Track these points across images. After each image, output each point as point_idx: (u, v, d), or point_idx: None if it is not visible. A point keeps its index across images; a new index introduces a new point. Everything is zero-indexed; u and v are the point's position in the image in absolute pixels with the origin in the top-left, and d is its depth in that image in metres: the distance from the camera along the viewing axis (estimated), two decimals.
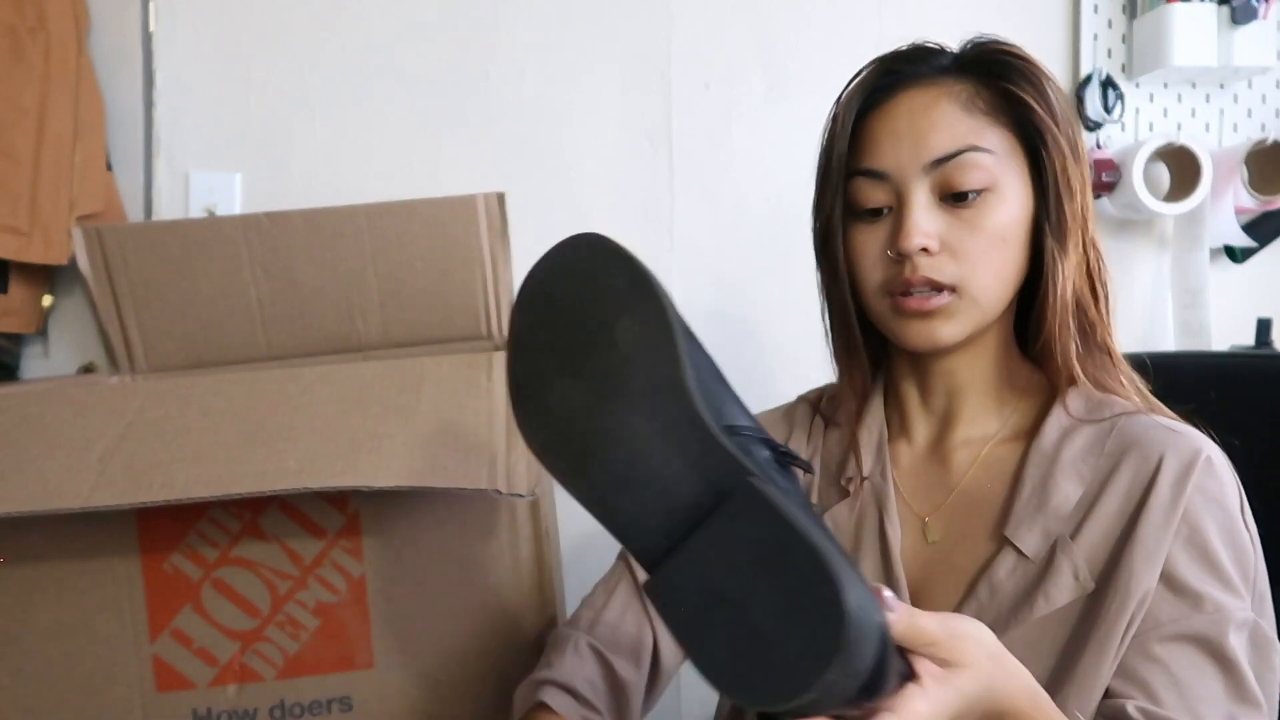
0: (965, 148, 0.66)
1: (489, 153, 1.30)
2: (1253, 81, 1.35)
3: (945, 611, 0.63)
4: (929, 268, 0.66)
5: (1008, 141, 0.68)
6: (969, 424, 0.73)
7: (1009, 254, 0.67)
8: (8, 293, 1.17)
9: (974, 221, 0.66)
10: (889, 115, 0.69)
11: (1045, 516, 0.65)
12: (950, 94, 0.68)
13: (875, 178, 0.68)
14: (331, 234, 1.04)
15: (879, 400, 0.77)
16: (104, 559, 0.81)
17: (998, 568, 0.65)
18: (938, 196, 0.67)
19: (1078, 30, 1.35)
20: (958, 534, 0.70)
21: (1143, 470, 0.64)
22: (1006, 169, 0.67)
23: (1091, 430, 0.67)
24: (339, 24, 1.29)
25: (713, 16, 1.32)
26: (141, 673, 0.81)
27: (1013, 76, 0.67)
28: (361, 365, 0.97)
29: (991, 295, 0.67)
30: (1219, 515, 0.62)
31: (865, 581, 0.44)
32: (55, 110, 1.14)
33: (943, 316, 0.67)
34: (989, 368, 0.72)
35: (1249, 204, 1.30)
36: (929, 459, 0.74)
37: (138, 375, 1.07)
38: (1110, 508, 0.64)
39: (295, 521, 0.81)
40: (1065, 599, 0.63)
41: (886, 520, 0.71)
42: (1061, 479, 0.66)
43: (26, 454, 0.79)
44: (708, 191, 1.33)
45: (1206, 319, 1.31)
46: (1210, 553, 0.61)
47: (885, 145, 0.68)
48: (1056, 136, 0.67)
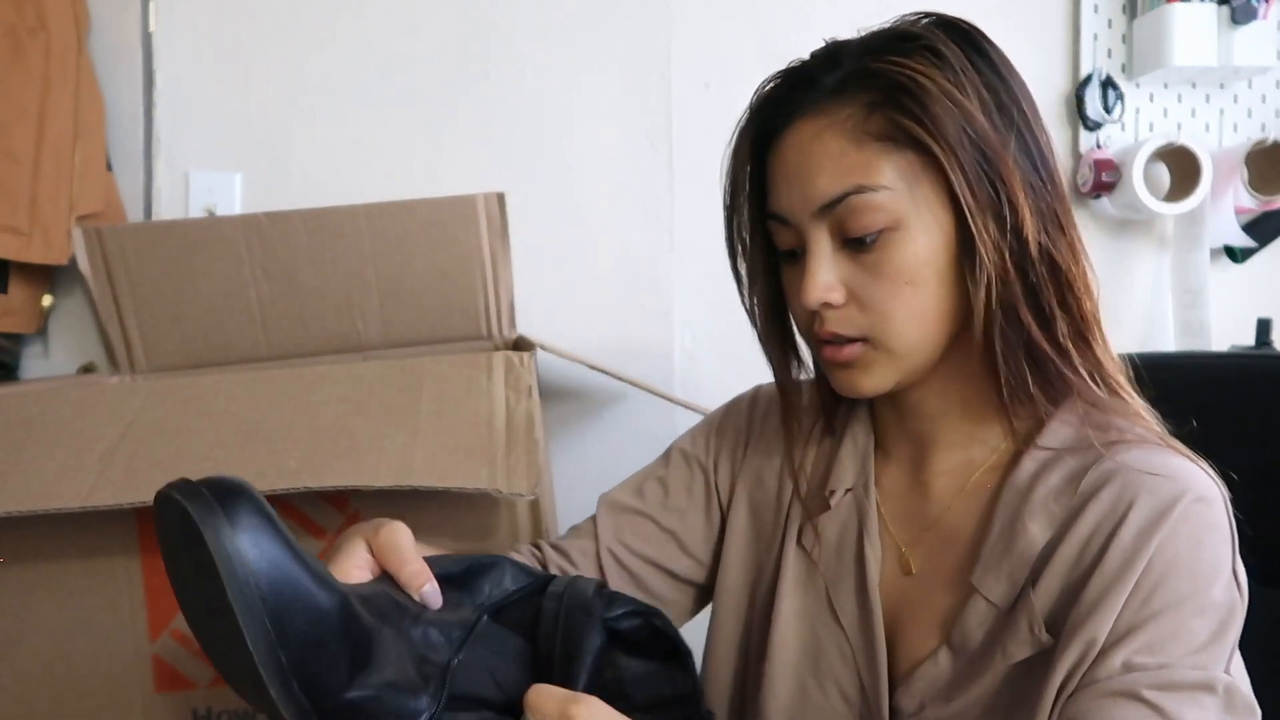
0: (850, 190, 0.58)
1: (489, 153, 1.30)
2: (1253, 81, 1.35)
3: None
4: (834, 321, 0.61)
5: (911, 167, 0.58)
6: (948, 451, 0.66)
7: (924, 293, 0.60)
8: (8, 293, 1.17)
9: (876, 268, 0.59)
10: (782, 153, 0.62)
11: (1010, 562, 0.59)
12: (836, 125, 0.59)
13: (782, 222, 0.63)
14: (331, 234, 1.04)
15: (865, 410, 0.72)
16: (104, 559, 0.81)
17: (969, 615, 0.60)
18: (839, 241, 0.60)
19: (1078, 30, 1.35)
20: (934, 569, 0.64)
21: (1111, 514, 0.56)
22: (912, 200, 0.59)
23: (1073, 463, 0.60)
24: (339, 24, 1.29)
25: (713, 16, 1.32)
26: (141, 673, 0.81)
27: (893, 95, 0.58)
28: (361, 365, 0.97)
29: (909, 341, 0.61)
30: (1193, 568, 0.54)
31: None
32: (55, 110, 1.14)
33: (860, 367, 0.62)
34: (961, 396, 0.65)
35: (1249, 204, 1.30)
36: (910, 485, 0.68)
37: (138, 375, 1.07)
38: (1070, 553, 0.57)
39: (295, 521, 0.81)
40: (1022, 654, 0.57)
41: (867, 542, 0.66)
42: (1029, 520, 0.59)
43: (26, 454, 0.79)
44: (708, 191, 1.32)
45: (1206, 319, 1.31)
46: (1174, 611, 0.54)
47: (781, 187, 0.62)
48: (956, 153, 0.57)
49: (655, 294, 1.32)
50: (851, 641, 0.66)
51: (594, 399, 1.31)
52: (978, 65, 0.59)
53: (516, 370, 0.91)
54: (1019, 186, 0.58)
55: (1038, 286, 0.59)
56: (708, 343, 1.32)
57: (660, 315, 1.32)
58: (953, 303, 0.61)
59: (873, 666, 0.64)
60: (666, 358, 1.32)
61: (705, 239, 1.32)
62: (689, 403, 1.13)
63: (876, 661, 0.64)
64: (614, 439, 1.30)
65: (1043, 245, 0.59)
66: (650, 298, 1.32)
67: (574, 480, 1.18)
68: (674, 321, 1.32)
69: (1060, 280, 0.59)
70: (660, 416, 1.30)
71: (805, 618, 0.69)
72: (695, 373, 1.32)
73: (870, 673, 0.64)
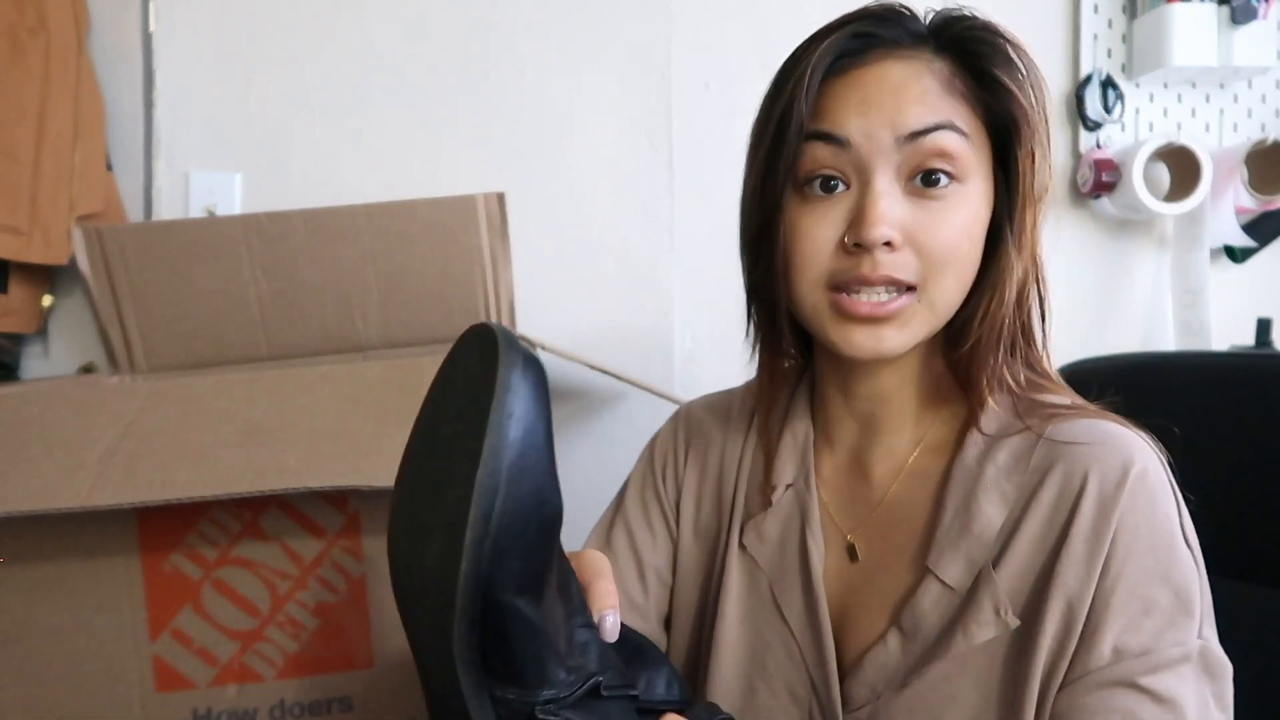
0: (944, 123, 0.58)
1: (489, 153, 1.30)
2: (1253, 81, 1.35)
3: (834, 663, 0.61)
4: (891, 264, 0.57)
5: (979, 134, 0.60)
6: (892, 433, 0.66)
7: (972, 254, 0.60)
8: (8, 293, 1.17)
9: (941, 214, 0.58)
10: (859, 82, 0.59)
11: (968, 543, 0.59)
12: (931, 70, 0.59)
13: (836, 144, 0.58)
14: (331, 234, 1.04)
15: (804, 403, 0.71)
16: (104, 559, 0.81)
17: (922, 597, 0.60)
18: (904, 180, 0.58)
19: (1078, 30, 1.35)
20: (880, 554, 0.64)
21: (1066, 491, 0.57)
22: (976, 162, 0.59)
23: (1017, 441, 0.60)
24: (339, 24, 1.29)
25: (713, 16, 1.32)
26: (141, 673, 0.81)
27: (996, 59, 0.59)
28: (361, 365, 0.97)
29: (949, 301, 0.60)
30: (1151, 540, 0.55)
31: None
32: (55, 110, 1.14)
33: (897, 323, 0.59)
34: (916, 374, 0.65)
35: (1249, 204, 1.30)
36: (851, 470, 0.68)
37: (138, 375, 1.07)
38: (1032, 533, 0.57)
39: (295, 521, 0.81)
40: (985, 635, 0.57)
41: (809, 535, 0.66)
42: (984, 500, 0.59)
43: (26, 454, 0.79)
44: (708, 191, 1.33)
45: (1206, 319, 1.31)
46: (1142, 586, 0.55)
47: (852, 112, 0.58)
48: (1034, 132, 0.59)
49: (655, 294, 1.32)
50: (798, 637, 0.65)
51: (594, 399, 1.31)
52: (1040, 76, 0.62)
53: None
54: (1048, 179, 0.61)
55: (1029, 274, 0.62)
56: (708, 343, 1.32)
57: (660, 315, 1.32)
58: (970, 278, 0.62)
59: (821, 659, 0.63)
60: (666, 358, 1.32)
61: (705, 239, 1.32)
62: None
63: (824, 653, 0.63)
64: (614, 439, 1.30)
65: (1038, 239, 0.62)
66: (650, 298, 1.32)
67: (574, 480, 1.18)
68: (674, 321, 1.32)
69: (1038, 267, 0.63)
70: (660, 416, 1.29)
71: (749, 619, 0.68)
72: (695, 373, 1.32)
73: (819, 666, 0.63)
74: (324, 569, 0.82)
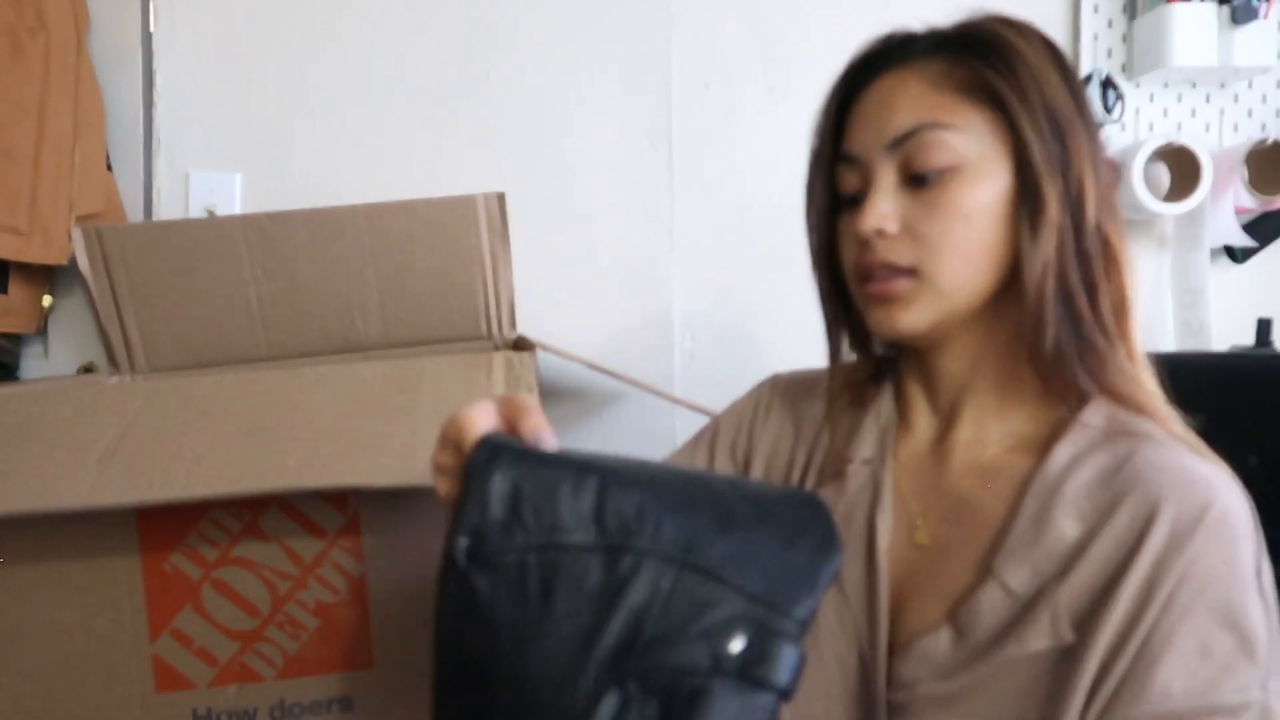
0: (924, 125, 0.62)
1: (489, 153, 1.30)
2: (1253, 81, 1.35)
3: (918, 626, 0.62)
4: (886, 250, 0.64)
5: (986, 120, 0.63)
6: (970, 425, 0.68)
7: (976, 234, 0.63)
8: (8, 293, 1.17)
9: (934, 201, 0.63)
10: (863, 103, 0.67)
11: (1037, 553, 0.60)
12: (919, 73, 0.64)
13: (849, 163, 0.67)
14: (331, 234, 1.04)
15: (890, 389, 0.74)
16: (104, 559, 0.80)
17: (982, 598, 0.61)
18: (903, 178, 0.64)
19: (1078, 30, 1.35)
20: (945, 543, 0.65)
21: (1138, 518, 0.57)
22: (980, 148, 0.62)
23: (1104, 458, 0.61)
24: (339, 24, 1.29)
25: (713, 16, 1.32)
26: (141, 673, 0.81)
27: (983, 52, 0.63)
28: (361, 365, 0.97)
29: (956, 277, 0.63)
30: (1221, 584, 0.55)
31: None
32: (55, 110, 1.14)
33: (903, 303, 0.64)
34: (992, 368, 0.68)
35: (1249, 204, 1.30)
36: (929, 456, 0.70)
37: (138, 375, 1.07)
38: (1099, 554, 0.58)
39: (295, 521, 0.81)
40: (1038, 645, 0.58)
41: (878, 511, 0.68)
42: (1060, 514, 0.60)
43: (26, 454, 0.79)
44: (708, 191, 1.33)
45: (1206, 319, 1.31)
46: (1206, 629, 0.55)
47: (857, 131, 0.67)
48: (1031, 111, 0.62)
49: (655, 294, 1.32)
50: (855, 609, 0.66)
51: (594, 399, 1.31)
52: (1060, 61, 0.64)
53: (516, 370, 0.91)
54: (1085, 159, 0.62)
55: (1090, 255, 0.62)
56: (708, 343, 1.32)
57: (660, 315, 1.32)
58: (1002, 253, 0.63)
59: (873, 636, 0.64)
60: (666, 358, 1.32)
61: (705, 239, 1.32)
62: (689, 402, 1.13)
63: (878, 629, 0.64)
64: (614, 439, 1.30)
65: (1100, 220, 0.62)
66: (650, 298, 1.32)
67: None
68: (674, 321, 1.32)
69: (1109, 255, 0.63)
70: (660, 416, 1.30)
71: None
72: (695, 373, 1.32)
73: (871, 641, 0.65)
74: (324, 569, 0.82)
